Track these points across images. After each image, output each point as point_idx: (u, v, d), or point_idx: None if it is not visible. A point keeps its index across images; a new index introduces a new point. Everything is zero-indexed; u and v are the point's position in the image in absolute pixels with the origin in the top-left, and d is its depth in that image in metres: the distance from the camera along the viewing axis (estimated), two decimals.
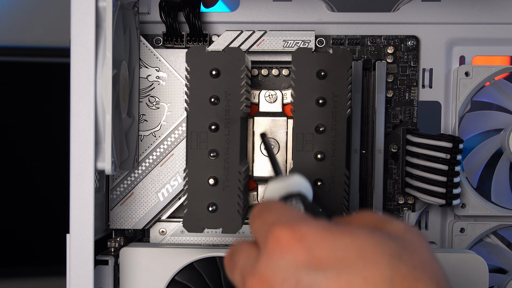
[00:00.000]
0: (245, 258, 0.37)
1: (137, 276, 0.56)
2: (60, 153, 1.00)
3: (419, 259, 0.34)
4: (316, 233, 0.34)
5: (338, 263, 0.33)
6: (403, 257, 0.33)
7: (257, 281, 0.34)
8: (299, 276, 0.33)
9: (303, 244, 0.33)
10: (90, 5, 0.48)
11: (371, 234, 0.34)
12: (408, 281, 0.32)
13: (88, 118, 0.48)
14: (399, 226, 0.36)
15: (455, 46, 0.62)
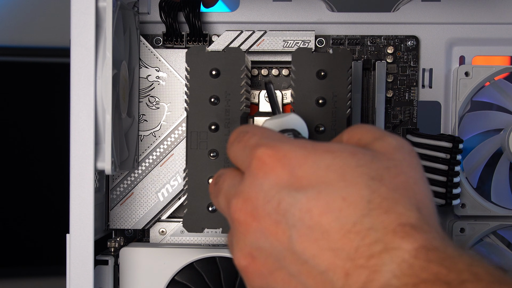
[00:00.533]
0: (229, 182, 0.37)
1: (137, 276, 0.56)
2: (60, 153, 1.00)
3: (403, 180, 0.33)
4: (298, 153, 0.34)
5: (319, 183, 0.33)
6: (385, 178, 0.33)
7: (242, 202, 0.35)
8: (281, 196, 0.33)
9: (285, 165, 0.34)
10: (90, 5, 0.48)
11: (352, 154, 0.34)
12: (387, 202, 0.32)
13: (88, 118, 0.48)
14: (389, 143, 0.35)
15: (455, 46, 0.62)
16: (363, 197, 0.32)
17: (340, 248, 0.31)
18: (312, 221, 0.32)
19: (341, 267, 0.31)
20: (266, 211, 0.33)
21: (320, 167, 0.33)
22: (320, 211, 0.32)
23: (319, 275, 0.32)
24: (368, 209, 0.31)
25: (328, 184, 0.32)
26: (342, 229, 0.31)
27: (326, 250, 0.31)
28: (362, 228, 0.31)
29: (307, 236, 0.32)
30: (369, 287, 0.30)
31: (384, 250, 0.30)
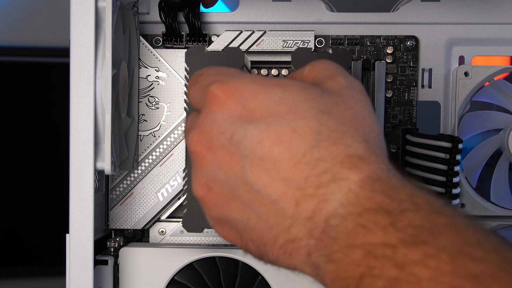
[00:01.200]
0: (190, 120, 0.39)
1: (137, 276, 0.56)
2: (59, 153, 1.00)
3: (351, 115, 0.34)
4: (251, 87, 0.35)
5: (270, 115, 0.34)
6: (333, 112, 0.34)
7: (198, 134, 0.36)
8: (234, 128, 0.34)
9: (238, 98, 0.35)
10: (89, 5, 0.48)
11: (302, 89, 0.35)
12: (335, 134, 0.33)
13: (87, 118, 0.48)
14: (340, 82, 0.36)
15: (454, 46, 0.62)
16: (312, 129, 0.33)
17: (290, 178, 0.32)
18: (263, 152, 0.33)
19: (291, 196, 0.32)
20: (220, 143, 0.35)
21: (272, 100, 0.34)
22: (271, 142, 0.33)
23: (270, 204, 0.33)
24: (317, 141, 0.33)
25: (278, 116, 0.34)
26: (292, 160, 0.32)
27: (277, 180, 0.33)
28: (311, 158, 0.32)
29: (259, 167, 0.33)
30: (317, 215, 0.32)
31: (332, 180, 0.32)
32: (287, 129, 0.33)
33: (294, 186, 0.32)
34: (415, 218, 0.29)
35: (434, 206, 0.30)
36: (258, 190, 0.33)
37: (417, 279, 0.27)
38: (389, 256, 0.29)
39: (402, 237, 0.29)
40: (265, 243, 0.34)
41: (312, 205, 0.32)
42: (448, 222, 0.29)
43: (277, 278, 0.56)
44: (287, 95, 0.35)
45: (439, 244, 0.28)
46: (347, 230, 0.31)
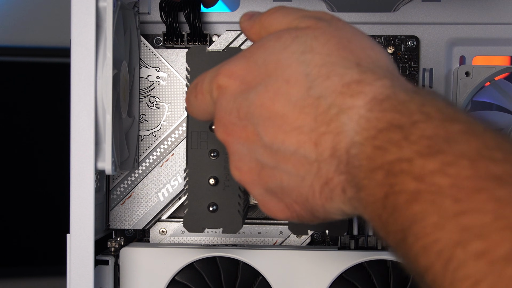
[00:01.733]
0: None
1: (137, 276, 0.56)
2: (60, 153, 1.00)
3: (335, 43, 0.34)
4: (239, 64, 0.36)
5: (263, 77, 0.35)
6: (315, 47, 0.34)
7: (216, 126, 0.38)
8: (238, 103, 0.36)
9: (235, 78, 0.36)
10: (90, 5, 0.48)
11: (277, 39, 0.35)
12: (324, 68, 0.33)
13: (88, 118, 0.48)
14: (309, 18, 0.37)
15: (455, 46, 0.62)
16: (301, 73, 0.33)
17: (301, 125, 0.33)
18: (268, 112, 0.34)
19: (308, 140, 0.33)
20: (232, 122, 0.36)
21: (259, 65, 0.35)
22: (271, 101, 0.34)
23: (292, 156, 0.34)
24: (310, 81, 0.33)
25: (270, 75, 0.35)
26: (295, 108, 0.33)
27: (290, 132, 0.33)
28: (312, 99, 0.33)
29: (270, 127, 0.34)
30: (338, 149, 0.32)
31: (340, 112, 0.32)
32: (280, 83, 0.34)
33: (307, 130, 0.33)
34: (428, 128, 0.29)
35: (446, 114, 0.30)
36: (278, 149, 0.34)
37: (438, 188, 0.27)
38: (407, 170, 0.28)
39: (417, 149, 0.29)
40: (306, 198, 0.35)
41: (329, 142, 0.32)
42: (463, 128, 0.29)
43: (277, 278, 0.56)
44: (269, 53, 0.35)
45: (456, 151, 0.28)
46: (367, 155, 0.31)
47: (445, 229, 0.26)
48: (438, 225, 0.26)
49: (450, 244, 0.26)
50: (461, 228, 0.26)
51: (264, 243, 0.60)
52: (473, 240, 0.25)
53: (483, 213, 0.25)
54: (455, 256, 0.25)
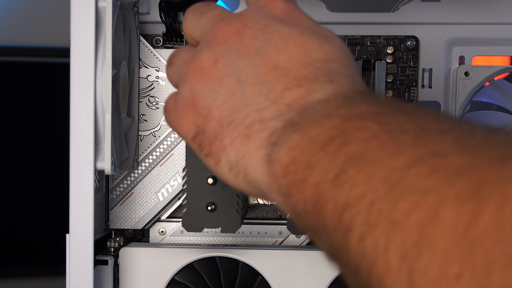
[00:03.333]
0: (222, 13, 0.39)
1: (137, 276, 0.56)
2: (59, 153, 1.01)
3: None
4: (304, 14, 0.37)
5: (308, 29, 0.35)
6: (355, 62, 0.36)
7: (237, 21, 0.36)
8: (270, 22, 0.35)
9: (289, 13, 0.36)
10: (90, 5, 0.48)
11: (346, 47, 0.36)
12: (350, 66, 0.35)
13: (87, 118, 0.48)
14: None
15: (454, 46, 0.62)
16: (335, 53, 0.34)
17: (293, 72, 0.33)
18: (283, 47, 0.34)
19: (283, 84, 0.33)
20: (250, 28, 0.35)
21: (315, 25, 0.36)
22: (295, 43, 0.34)
23: (260, 85, 0.34)
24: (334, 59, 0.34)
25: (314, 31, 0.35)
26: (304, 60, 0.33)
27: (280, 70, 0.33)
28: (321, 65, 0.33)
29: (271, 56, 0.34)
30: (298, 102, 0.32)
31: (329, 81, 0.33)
32: (315, 42, 0.34)
33: (291, 78, 0.33)
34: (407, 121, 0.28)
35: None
36: (257, 73, 0.34)
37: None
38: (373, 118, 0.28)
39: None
40: (229, 123, 0.34)
41: (298, 92, 0.32)
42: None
43: (277, 278, 0.56)
44: (329, 31, 0.36)
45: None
46: (326, 108, 0.30)
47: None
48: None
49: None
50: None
51: (264, 243, 0.60)
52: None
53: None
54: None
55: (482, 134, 0.25)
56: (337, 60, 0.34)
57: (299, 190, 0.29)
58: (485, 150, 0.24)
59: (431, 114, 0.28)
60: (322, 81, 0.32)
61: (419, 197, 0.23)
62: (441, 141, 0.25)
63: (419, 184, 0.24)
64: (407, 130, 0.26)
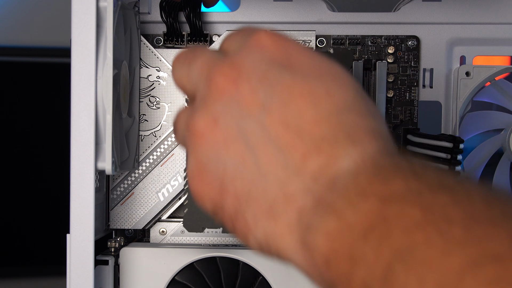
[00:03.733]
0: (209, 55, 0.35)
1: (137, 276, 0.56)
2: (60, 153, 1.01)
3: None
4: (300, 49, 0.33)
5: (310, 71, 0.31)
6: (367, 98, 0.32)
7: (229, 68, 0.32)
8: (269, 68, 0.31)
9: (283, 46, 0.32)
10: (90, 5, 0.48)
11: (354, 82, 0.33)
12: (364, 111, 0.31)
13: (88, 118, 0.48)
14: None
15: (455, 46, 0.62)
16: (345, 100, 0.31)
17: (307, 132, 0.29)
18: (289, 99, 0.30)
19: (301, 149, 0.29)
20: (248, 77, 0.31)
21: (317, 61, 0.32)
22: (301, 93, 0.30)
23: (274, 151, 0.30)
24: (347, 108, 0.30)
25: (318, 75, 0.31)
26: (316, 116, 0.30)
27: (292, 129, 0.30)
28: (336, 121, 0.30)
29: (279, 112, 0.30)
30: (324, 173, 0.28)
31: (351, 142, 0.29)
32: (322, 89, 0.30)
33: (308, 140, 0.29)
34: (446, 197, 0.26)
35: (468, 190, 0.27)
36: (268, 135, 0.30)
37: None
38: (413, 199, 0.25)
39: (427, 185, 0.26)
40: (248, 198, 0.30)
41: (320, 160, 0.29)
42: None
43: (278, 278, 0.56)
44: (332, 65, 0.32)
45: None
46: (359, 183, 0.27)
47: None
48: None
49: None
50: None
51: None
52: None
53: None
54: None
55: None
56: (350, 108, 0.30)
57: (344, 285, 0.26)
58: None
59: (475, 192, 0.25)
60: (343, 143, 0.29)
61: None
62: (495, 238, 0.23)
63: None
64: (453, 218, 0.24)
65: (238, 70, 0.32)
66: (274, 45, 0.32)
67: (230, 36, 0.36)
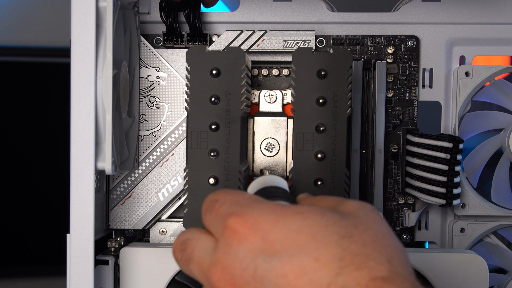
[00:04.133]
0: (200, 249, 0.38)
1: (137, 276, 0.56)
2: (60, 153, 1.00)
3: (371, 235, 0.34)
4: (269, 217, 0.35)
5: (291, 246, 0.33)
6: (354, 235, 0.33)
7: (220, 271, 0.35)
8: (257, 263, 0.34)
9: (257, 230, 0.34)
10: (90, 5, 0.48)
11: (321, 214, 0.34)
12: (358, 258, 0.32)
13: (88, 118, 0.48)
14: (352, 205, 0.36)
15: (455, 46, 0.62)
16: (335, 256, 0.32)
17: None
18: (288, 286, 0.32)
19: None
20: (244, 279, 0.34)
21: (291, 230, 0.34)
22: (295, 275, 0.32)
23: None
24: (341, 268, 0.32)
25: (300, 246, 0.33)
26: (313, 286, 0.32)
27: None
28: (336, 287, 0.32)
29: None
30: None
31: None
32: (310, 259, 0.33)
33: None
34: None
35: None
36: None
37: None
38: None
39: None
40: None
41: None
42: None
43: None
44: (307, 223, 0.34)
45: None
46: None
47: None
48: None
49: None
50: None
51: None
52: None
53: None
54: None
55: None
56: (343, 266, 0.32)
57: None
58: None
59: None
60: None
61: None
62: None
63: None
64: None
65: (230, 272, 0.34)
66: (248, 232, 0.35)
67: (206, 213, 0.38)
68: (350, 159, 0.59)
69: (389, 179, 0.62)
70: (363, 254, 0.33)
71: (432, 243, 0.63)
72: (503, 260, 0.63)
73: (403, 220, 0.62)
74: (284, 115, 0.58)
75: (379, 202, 0.60)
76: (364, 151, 0.61)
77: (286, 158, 0.58)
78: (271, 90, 0.59)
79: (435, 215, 0.63)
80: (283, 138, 0.58)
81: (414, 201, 0.62)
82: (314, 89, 0.52)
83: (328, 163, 0.52)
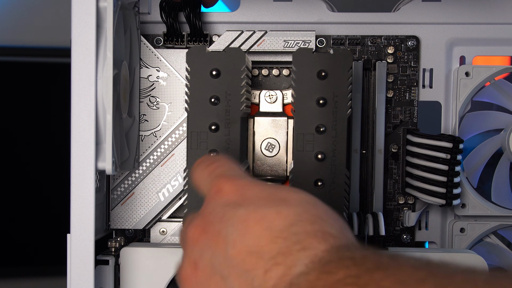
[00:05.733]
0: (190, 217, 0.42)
1: (138, 276, 0.56)
2: (60, 153, 1.00)
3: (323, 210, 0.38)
4: (254, 186, 0.39)
5: (261, 200, 0.37)
6: (319, 206, 0.37)
7: (199, 221, 0.39)
8: (225, 210, 0.38)
9: (238, 191, 0.39)
10: (90, 5, 0.48)
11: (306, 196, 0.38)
12: (315, 218, 0.36)
13: (88, 118, 0.48)
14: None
15: (455, 46, 0.62)
16: (295, 212, 0.36)
17: (266, 251, 0.35)
18: (246, 230, 0.36)
19: (262, 267, 0.35)
20: (212, 223, 0.38)
21: (267, 191, 0.38)
22: (255, 221, 0.36)
23: (243, 275, 0.35)
24: (296, 221, 0.35)
25: (268, 202, 0.37)
26: (270, 235, 0.35)
27: (254, 253, 0.35)
28: (288, 233, 0.35)
29: (240, 243, 0.36)
30: (282, 280, 0.34)
31: (302, 249, 0.34)
32: (272, 211, 0.36)
33: (267, 258, 0.35)
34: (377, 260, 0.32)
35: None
36: (236, 264, 0.36)
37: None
38: (352, 282, 0.31)
39: (365, 267, 0.31)
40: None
41: (279, 272, 0.34)
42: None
43: None
44: (283, 190, 0.38)
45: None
46: (309, 281, 0.33)
47: None
48: None
49: None
50: None
51: None
52: None
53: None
54: None
55: (461, 278, 0.29)
56: (299, 220, 0.36)
57: None
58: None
59: (409, 264, 0.31)
60: (296, 252, 0.34)
61: None
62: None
63: None
64: (386, 286, 0.29)
65: (205, 219, 0.39)
66: (231, 188, 0.39)
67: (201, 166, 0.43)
68: (350, 159, 0.59)
69: (389, 179, 0.62)
70: (321, 218, 0.36)
71: (432, 243, 0.63)
72: (503, 260, 0.63)
73: (403, 220, 0.62)
74: (285, 115, 0.58)
75: (379, 202, 0.60)
76: (364, 151, 0.61)
77: (286, 158, 0.58)
78: (272, 90, 0.59)
79: (435, 215, 0.63)
80: (283, 138, 0.58)
81: (414, 201, 0.62)
82: (314, 90, 0.52)
83: (328, 164, 0.52)
